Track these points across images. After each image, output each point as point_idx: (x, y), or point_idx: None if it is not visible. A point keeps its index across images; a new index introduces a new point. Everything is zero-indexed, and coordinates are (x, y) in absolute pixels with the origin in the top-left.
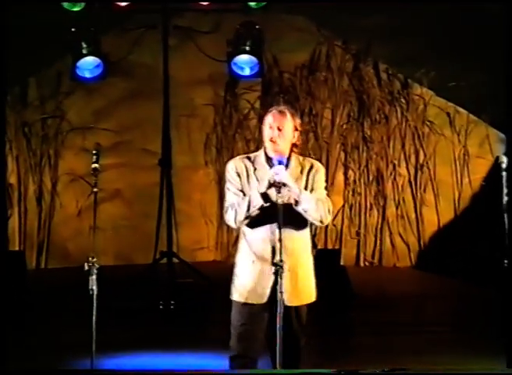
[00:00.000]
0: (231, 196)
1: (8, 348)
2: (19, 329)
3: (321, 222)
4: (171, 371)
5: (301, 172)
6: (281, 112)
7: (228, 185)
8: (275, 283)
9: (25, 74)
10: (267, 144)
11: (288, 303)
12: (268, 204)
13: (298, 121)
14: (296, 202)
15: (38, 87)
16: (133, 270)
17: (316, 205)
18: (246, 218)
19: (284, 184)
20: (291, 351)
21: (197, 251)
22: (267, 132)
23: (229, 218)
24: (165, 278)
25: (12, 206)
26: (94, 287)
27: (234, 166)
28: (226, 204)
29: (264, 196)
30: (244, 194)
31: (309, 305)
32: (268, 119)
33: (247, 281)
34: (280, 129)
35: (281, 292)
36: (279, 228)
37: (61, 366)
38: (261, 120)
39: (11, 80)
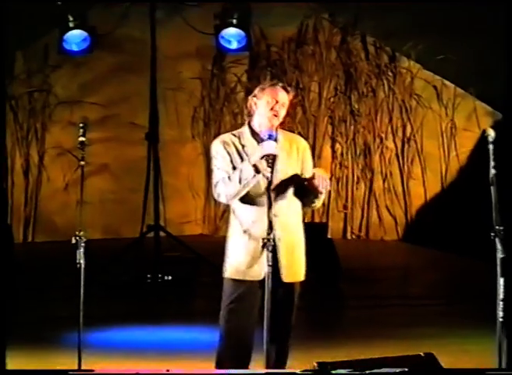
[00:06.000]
0: (220, 172)
1: None
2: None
3: (317, 204)
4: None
5: (290, 147)
6: (286, 89)
7: (216, 163)
8: (274, 258)
9: (11, 48)
10: (266, 118)
11: (284, 279)
12: (259, 175)
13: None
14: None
15: (25, 60)
16: (120, 244)
17: None
18: (237, 193)
19: (274, 158)
20: (281, 328)
21: (184, 225)
22: (269, 105)
23: (220, 192)
24: (152, 252)
25: None
26: (82, 261)
27: (222, 145)
28: (216, 179)
29: (256, 167)
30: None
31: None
32: (273, 93)
33: (243, 258)
34: (284, 105)
35: (269, 265)
36: (270, 202)
37: (48, 340)
38: (248, 94)
39: None
